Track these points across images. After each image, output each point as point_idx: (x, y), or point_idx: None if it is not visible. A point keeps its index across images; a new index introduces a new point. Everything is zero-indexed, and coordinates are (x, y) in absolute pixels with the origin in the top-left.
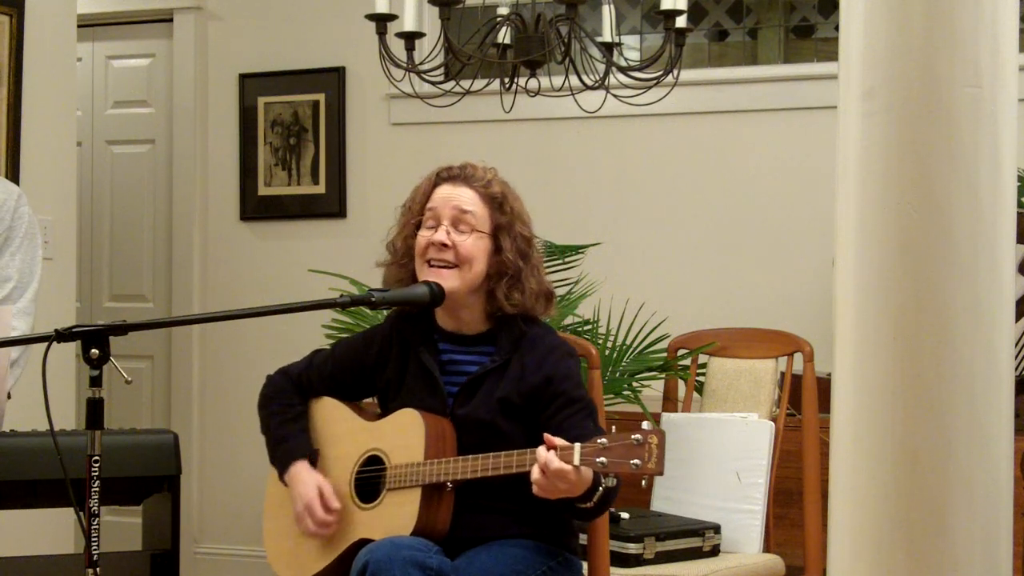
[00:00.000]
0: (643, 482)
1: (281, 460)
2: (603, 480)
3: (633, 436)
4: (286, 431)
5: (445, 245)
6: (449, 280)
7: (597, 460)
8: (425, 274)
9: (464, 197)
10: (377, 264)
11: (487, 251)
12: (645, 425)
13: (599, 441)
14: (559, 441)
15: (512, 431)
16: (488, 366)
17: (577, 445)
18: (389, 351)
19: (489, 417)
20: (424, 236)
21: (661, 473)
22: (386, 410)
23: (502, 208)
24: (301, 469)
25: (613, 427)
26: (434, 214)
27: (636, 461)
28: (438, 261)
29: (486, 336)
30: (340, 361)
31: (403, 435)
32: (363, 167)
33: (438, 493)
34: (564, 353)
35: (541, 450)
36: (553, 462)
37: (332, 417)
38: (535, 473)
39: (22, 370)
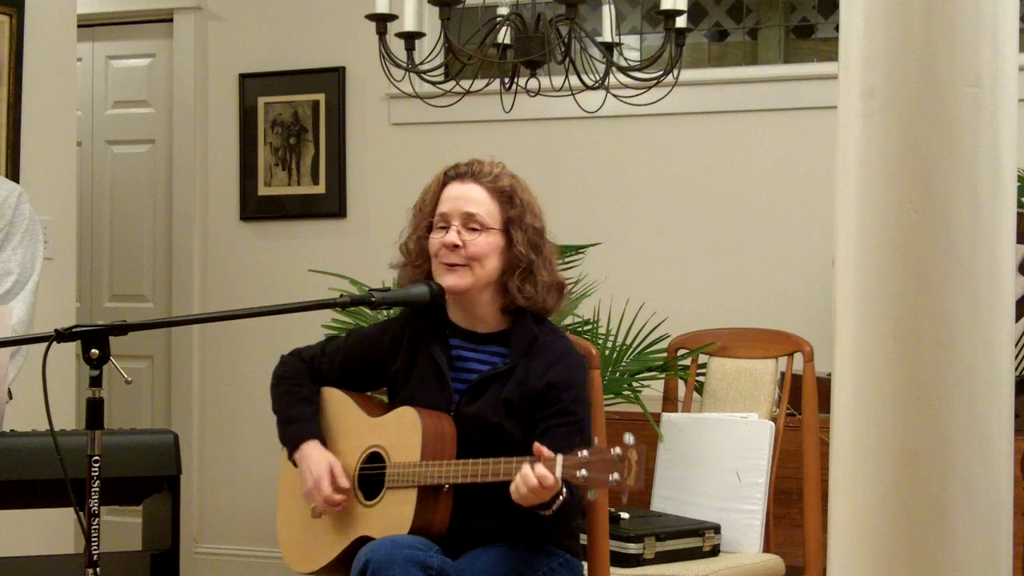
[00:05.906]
0: (623, 497)
1: (292, 439)
2: (563, 494)
3: (614, 451)
4: (298, 411)
5: (456, 246)
6: (463, 278)
7: (578, 474)
8: (441, 274)
9: (473, 195)
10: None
11: (499, 247)
12: (627, 438)
13: (581, 454)
14: (546, 452)
15: (517, 433)
16: (499, 367)
17: (559, 457)
18: (400, 343)
19: (496, 419)
20: (436, 238)
21: (639, 489)
22: (394, 401)
23: (512, 201)
24: (312, 448)
25: (596, 439)
26: (444, 216)
27: (615, 476)
28: (451, 261)
29: (498, 336)
30: (351, 351)
31: (402, 434)
32: (363, 167)
33: (435, 494)
34: (571, 363)
35: (526, 468)
36: (540, 485)
37: (337, 411)
38: (515, 480)
39: (24, 359)
